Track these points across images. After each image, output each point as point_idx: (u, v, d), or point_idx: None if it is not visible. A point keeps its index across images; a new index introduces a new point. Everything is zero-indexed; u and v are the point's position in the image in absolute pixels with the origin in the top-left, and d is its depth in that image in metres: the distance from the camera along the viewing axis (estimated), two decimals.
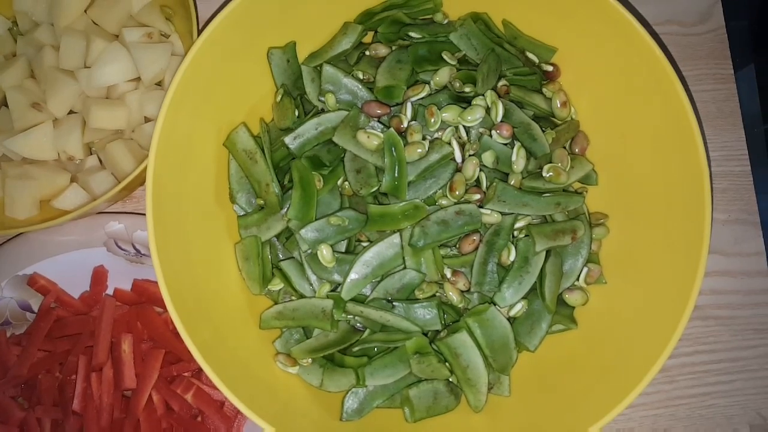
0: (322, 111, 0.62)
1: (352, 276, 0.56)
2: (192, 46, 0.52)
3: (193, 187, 0.57)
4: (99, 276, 0.66)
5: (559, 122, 0.63)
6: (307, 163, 0.59)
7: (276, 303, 0.61)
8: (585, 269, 0.60)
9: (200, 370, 0.63)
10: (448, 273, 0.57)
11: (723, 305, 0.72)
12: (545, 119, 0.63)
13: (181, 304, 0.50)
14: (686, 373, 0.71)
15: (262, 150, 0.58)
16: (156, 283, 0.65)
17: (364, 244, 0.60)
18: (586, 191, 0.63)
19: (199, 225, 0.57)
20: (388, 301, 0.56)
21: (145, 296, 0.65)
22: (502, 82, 0.61)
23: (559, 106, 0.62)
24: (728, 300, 0.72)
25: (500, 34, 0.64)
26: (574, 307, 0.60)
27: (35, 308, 0.66)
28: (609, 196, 0.62)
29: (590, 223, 0.60)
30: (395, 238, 0.57)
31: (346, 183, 0.60)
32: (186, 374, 0.63)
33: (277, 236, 0.61)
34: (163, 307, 0.65)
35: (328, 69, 0.60)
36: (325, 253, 0.57)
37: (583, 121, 0.64)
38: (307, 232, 0.57)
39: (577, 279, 0.60)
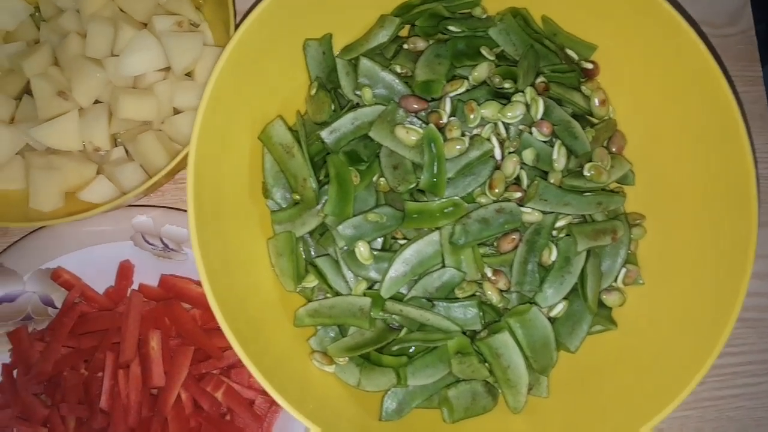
0: (357, 105, 0.61)
1: (392, 274, 0.55)
2: (231, 39, 0.51)
3: (228, 181, 0.56)
4: (125, 271, 0.64)
5: (597, 120, 0.63)
6: (344, 158, 0.58)
7: (310, 300, 0.59)
8: (623, 270, 0.59)
9: (229, 368, 0.62)
10: (488, 272, 0.56)
11: (751, 307, 0.72)
12: (582, 117, 0.63)
13: (222, 300, 0.49)
14: (714, 375, 0.70)
15: (300, 144, 0.57)
16: (184, 278, 0.64)
17: (401, 241, 0.59)
18: (623, 191, 0.63)
19: (233, 220, 0.56)
20: (427, 299, 0.55)
21: (172, 292, 0.64)
22: (540, 78, 0.60)
23: (597, 104, 0.61)
24: (756, 302, 0.72)
25: (539, 30, 0.63)
26: (611, 308, 0.60)
27: (58, 303, 0.64)
28: (645, 196, 0.62)
29: (629, 223, 0.60)
30: (435, 236, 0.56)
31: (382, 179, 0.59)
32: (214, 372, 0.61)
33: (311, 232, 0.60)
34: (191, 302, 0.64)
35: (365, 62, 0.59)
36: (362, 250, 0.56)
37: (618, 119, 0.63)
38: (345, 229, 0.56)
39: (615, 280, 0.59)
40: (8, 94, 0.64)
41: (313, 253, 0.61)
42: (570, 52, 0.63)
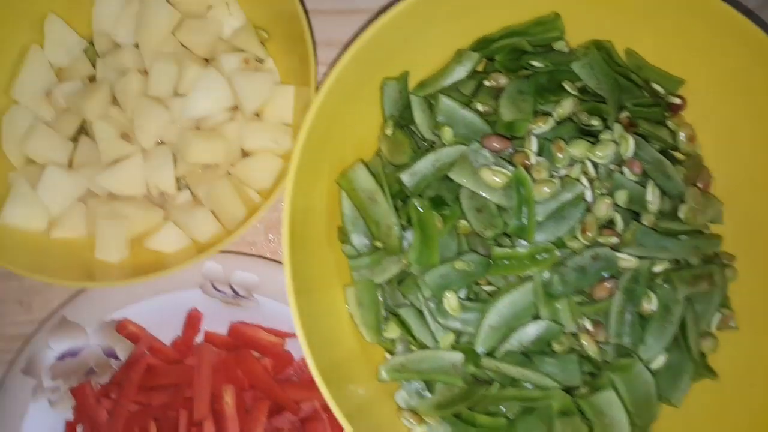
0: (434, 144, 0.58)
1: (487, 327, 0.52)
2: (325, 83, 0.48)
3: (310, 228, 0.53)
4: (193, 320, 0.61)
5: (682, 156, 0.60)
6: (426, 202, 0.55)
7: (390, 351, 0.57)
8: (717, 314, 0.57)
9: (304, 420, 0.60)
10: (586, 323, 0.53)
11: None
12: (666, 153, 0.60)
13: (314, 350, 0.47)
14: None
15: (383, 190, 0.54)
16: (255, 326, 0.62)
17: (485, 287, 0.56)
18: (709, 229, 0.60)
19: (316, 268, 0.53)
20: (523, 354, 0.53)
21: (242, 340, 0.61)
22: (625, 113, 0.58)
23: (684, 140, 0.59)
24: None
25: (622, 63, 0.60)
26: (706, 355, 0.57)
27: (121, 354, 0.61)
28: (734, 236, 0.59)
29: (723, 265, 0.57)
30: (528, 286, 0.53)
31: (463, 221, 0.56)
32: (289, 426, 0.59)
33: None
34: (262, 351, 0.61)
35: (445, 101, 0.56)
36: (451, 301, 0.53)
37: (703, 155, 0.61)
38: (432, 279, 0.53)
39: (709, 325, 0.57)
40: (65, 135, 0.61)
41: (389, 300, 0.58)
42: (656, 86, 0.60)
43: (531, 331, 0.53)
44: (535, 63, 0.57)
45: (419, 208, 0.54)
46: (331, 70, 0.49)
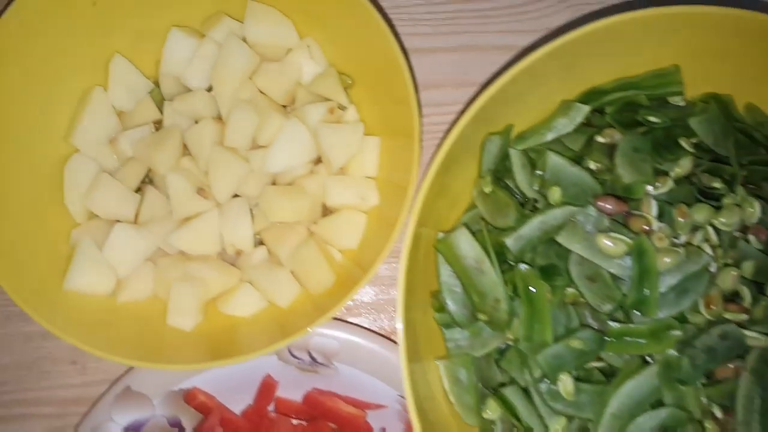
0: (535, 202, 0.54)
1: (609, 415, 0.47)
2: (442, 146, 0.44)
3: (414, 292, 0.48)
4: (267, 388, 0.56)
5: None
6: (537, 272, 0.50)
7: None
8: None
9: None
10: (717, 411, 0.48)
11: None
12: None
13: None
14: None
15: (491, 259, 0.49)
16: (333, 395, 0.57)
17: (595, 364, 0.51)
18: None
19: (417, 333, 0.49)
20: None
21: (318, 410, 0.56)
22: (743, 173, 0.53)
23: None
24: None
25: (742, 118, 0.55)
26: None
27: (187, 425, 0.56)
28: None
29: None
30: (653, 368, 0.48)
31: (570, 289, 0.51)
32: None
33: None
34: (339, 423, 0.56)
35: (553, 158, 0.52)
36: (567, 384, 0.48)
37: None
38: (545, 358, 0.49)
39: None
40: (130, 186, 0.56)
41: (484, 374, 0.53)
42: None
43: (654, 418, 0.48)
44: (652, 118, 0.53)
45: (528, 280, 0.50)
46: (452, 127, 0.44)
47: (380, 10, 0.58)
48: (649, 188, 0.51)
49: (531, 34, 0.68)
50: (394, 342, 0.60)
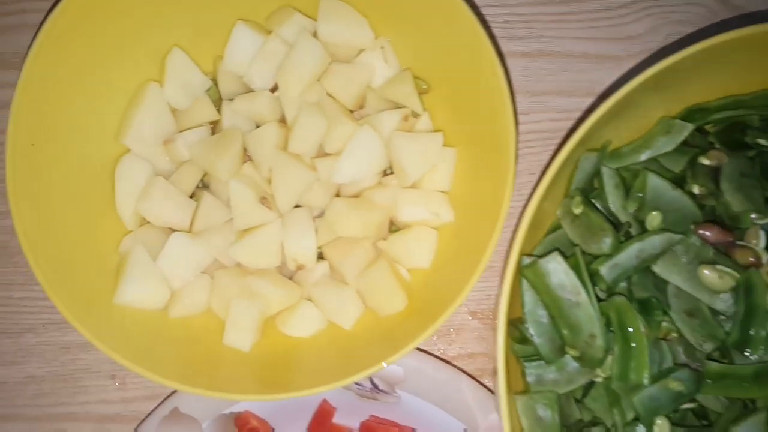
0: (628, 227, 0.49)
1: None
2: (547, 172, 0.39)
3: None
4: (324, 414, 0.52)
5: None
6: (635, 306, 0.46)
7: None
8: None
9: None
10: None
11: None
12: None
13: None
14: None
15: (587, 290, 0.45)
16: (393, 424, 0.52)
17: (688, 406, 0.47)
18: None
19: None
20: None
21: None
22: None
23: None
24: None
25: None
26: None
27: None
28: None
29: None
30: (761, 416, 0.44)
31: (665, 323, 0.47)
32: None
33: None
34: None
35: (654, 180, 0.47)
36: (664, 428, 0.44)
37: None
38: (641, 401, 0.44)
39: None
40: (184, 191, 0.52)
41: (564, 411, 0.49)
42: None
43: None
44: (762, 141, 0.48)
45: (624, 314, 0.45)
46: (558, 151, 0.40)
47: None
48: (755, 216, 0.47)
49: (610, 42, 0.63)
50: (461, 370, 0.56)
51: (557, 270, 0.45)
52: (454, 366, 0.56)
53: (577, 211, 0.49)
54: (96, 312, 0.47)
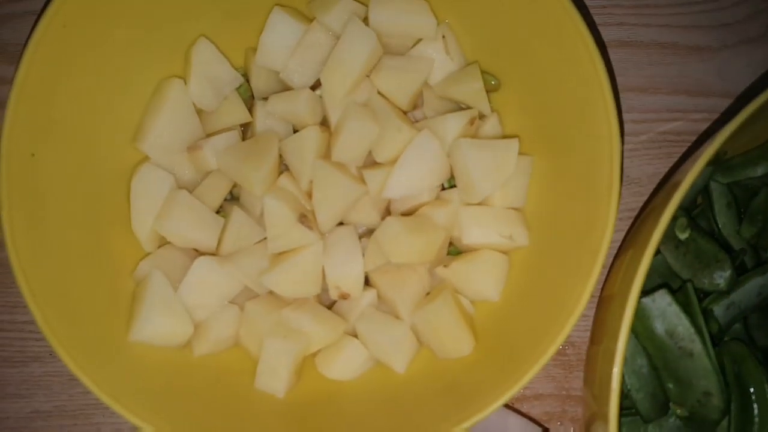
0: (743, 255, 0.41)
1: None
2: (674, 197, 0.31)
3: None
4: None
5: None
6: (758, 355, 0.37)
7: None
8: None
9: None
10: None
11: None
12: None
13: None
14: None
15: (703, 339, 0.36)
16: None
17: None
18: None
19: None
20: None
21: None
22: None
23: None
24: None
25: None
26: None
27: None
28: None
29: None
30: None
31: None
32: None
33: None
34: None
35: None
36: None
37: None
38: None
39: None
40: (210, 206, 0.45)
41: None
42: None
43: None
44: None
45: (746, 365, 0.37)
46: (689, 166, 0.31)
47: None
48: None
49: (701, 31, 0.54)
50: (524, 414, 0.48)
51: (668, 313, 0.37)
52: (515, 410, 0.48)
53: (683, 236, 0.40)
54: (105, 355, 0.39)
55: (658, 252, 0.42)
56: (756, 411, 0.36)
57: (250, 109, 0.47)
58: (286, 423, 0.41)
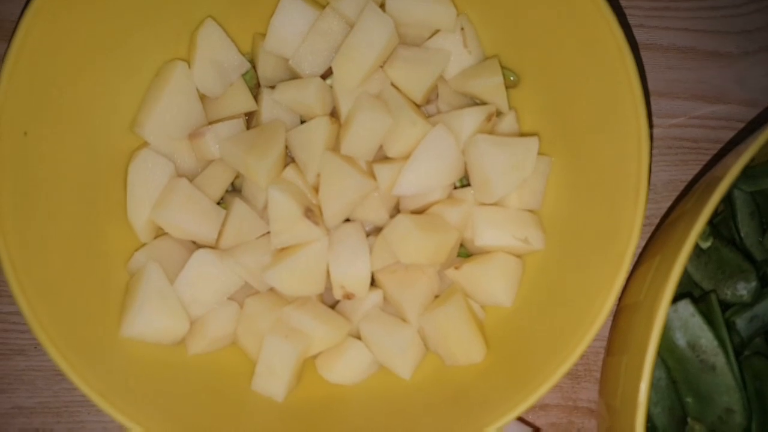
0: (765, 263, 0.39)
1: None
2: (705, 208, 0.29)
3: None
4: None
5: None
6: None
7: None
8: None
9: None
10: None
11: None
12: None
13: None
14: None
15: (727, 353, 0.35)
16: None
17: None
18: None
19: None
20: None
21: None
22: None
23: None
24: None
25: None
26: None
27: None
28: None
29: None
30: None
31: None
32: None
33: None
34: None
35: None
36: None
37: None
38: None
39: None
40: (211, 196, 0.42)
41: None
42: None
43: None
44: None
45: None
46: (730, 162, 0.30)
47: None
48: None
49: (721, 37, 0.53)
50: (529, 424, 0.46)
51: (690, 324, 0.35)
52: (521, 420, 0.47)
53: (705, 244, 0.39)
54: (94, 350, 0.37)
55: None
56: None
57: (256, 97, 0.45)
58: (284, 428, 0.39)
